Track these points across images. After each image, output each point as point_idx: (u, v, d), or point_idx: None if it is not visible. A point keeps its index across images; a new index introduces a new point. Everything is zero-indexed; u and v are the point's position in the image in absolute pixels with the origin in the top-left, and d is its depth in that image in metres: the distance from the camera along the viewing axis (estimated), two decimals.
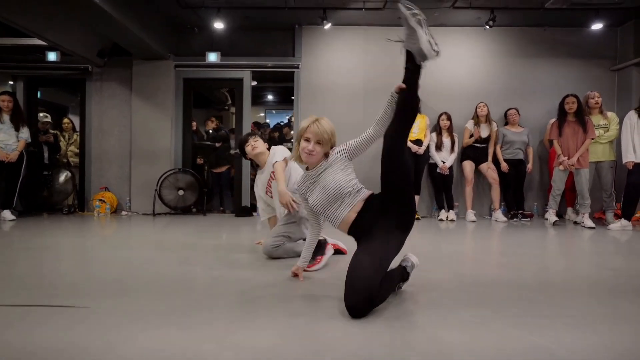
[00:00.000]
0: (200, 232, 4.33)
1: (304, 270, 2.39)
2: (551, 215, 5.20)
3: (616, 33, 6.09)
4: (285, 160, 3.04)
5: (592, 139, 5.01)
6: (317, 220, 2.23)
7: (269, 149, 3.20)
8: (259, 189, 3.31)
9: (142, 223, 5.12)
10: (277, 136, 7.73)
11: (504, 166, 5.65)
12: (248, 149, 3.17)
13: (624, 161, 4.85)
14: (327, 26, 5.55)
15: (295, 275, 2.31)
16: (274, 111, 10.85)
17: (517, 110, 5.78)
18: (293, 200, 2.81)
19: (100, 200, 5.90)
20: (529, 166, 5.77)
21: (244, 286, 2.16)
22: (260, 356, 1.32)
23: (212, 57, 6.06)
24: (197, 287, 2.20)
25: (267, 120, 10.76)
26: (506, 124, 5.86)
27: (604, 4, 4.85)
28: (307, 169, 2.13)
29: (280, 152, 3.11)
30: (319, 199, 2.05)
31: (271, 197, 3.24)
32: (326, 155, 2.08)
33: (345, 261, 2.14)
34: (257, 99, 10.00)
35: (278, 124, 8.71)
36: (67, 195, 6.08)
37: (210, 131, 6.88)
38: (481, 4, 5.29)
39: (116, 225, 4.92)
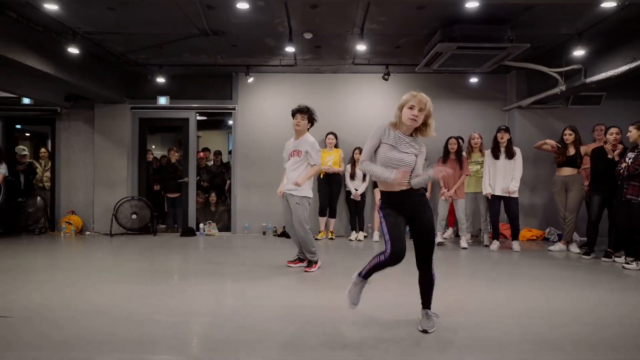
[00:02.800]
0: (131, 255, 5.39)
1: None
2: (437, 237, 6.23)
3: (506, 79, 7.12)
4: None
5: (467, 175, 6.04)
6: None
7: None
8: None
9: (94, 243, 6.20)
10: None
11: None
12: None
13: (483, 193, 5.90)
14: (250, 80, 6.64)
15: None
16: None
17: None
18: None
19: (67, 222, 6.98)
20: (428, 194, 6.79)
21: None
22: None
23: (163, 100, 7.14)
24: None
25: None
26: None
27: (464, 70, 5.93)
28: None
29: None
30: (385, 155, 2.55)
31: None
32: (421, 132, 2.55)
33: None
34: (222, 126, 11.07)
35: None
36: (39, 218, 7.17)
37: (174, 162, 7.87)
38: (378, 61, 6.34)
39: (64, 246, 6.01)
